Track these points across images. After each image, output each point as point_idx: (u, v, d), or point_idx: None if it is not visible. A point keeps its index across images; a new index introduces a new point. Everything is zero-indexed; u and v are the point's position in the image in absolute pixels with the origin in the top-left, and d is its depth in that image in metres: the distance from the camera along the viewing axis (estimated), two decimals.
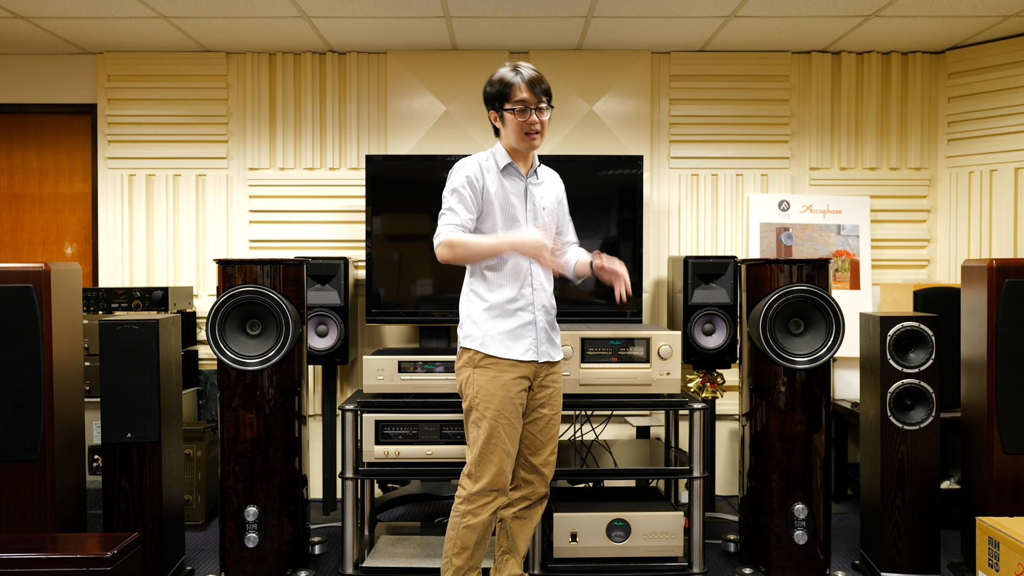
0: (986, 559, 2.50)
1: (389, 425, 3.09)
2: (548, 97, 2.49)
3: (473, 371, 2.48)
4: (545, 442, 2.58)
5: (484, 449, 2.43)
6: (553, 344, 2.60)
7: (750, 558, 3.15)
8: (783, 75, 4.17)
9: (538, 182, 2.63)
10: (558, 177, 2.76)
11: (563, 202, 2.76)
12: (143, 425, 2.89)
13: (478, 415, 2.45)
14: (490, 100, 2.53)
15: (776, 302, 2.99)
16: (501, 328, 2.48)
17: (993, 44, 3.97)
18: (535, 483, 2.60)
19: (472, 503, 2.44)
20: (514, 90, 2.45)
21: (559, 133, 4.11)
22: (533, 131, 2.47)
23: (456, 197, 2.46)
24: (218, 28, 3.77)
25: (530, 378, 2.52)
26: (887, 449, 3.02)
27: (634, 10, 3.55)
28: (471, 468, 2.46)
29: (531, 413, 2.56)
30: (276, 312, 2.94)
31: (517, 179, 2.56)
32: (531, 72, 2.47)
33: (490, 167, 2.53)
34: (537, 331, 2.52)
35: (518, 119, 2.46)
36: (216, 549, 3.34)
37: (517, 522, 2.62)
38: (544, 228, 2.43)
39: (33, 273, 2.67)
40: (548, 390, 2.58)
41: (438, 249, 2.44)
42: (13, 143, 4.29)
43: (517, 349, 2.48)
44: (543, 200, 2.62)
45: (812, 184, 4.19)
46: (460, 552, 2.44)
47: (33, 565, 2.20)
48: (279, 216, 4.16)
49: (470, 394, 2.48)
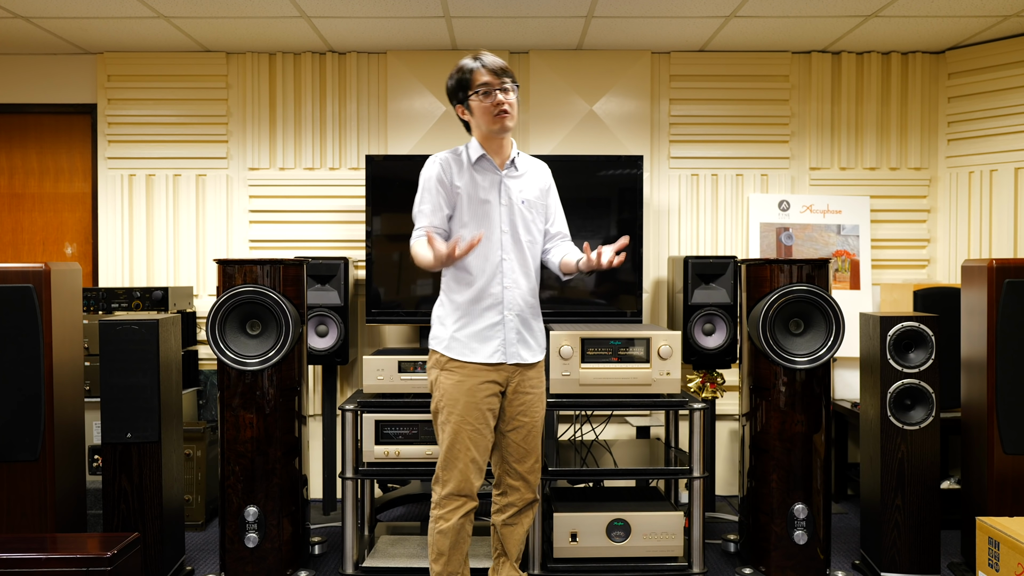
0: (986, 559, 2.50)
1: (389, 425, 3.09)
2: (510, 77, 2.40)
3: (440, 373, 2.43)
4: (529, 450, 2.52)
5: (448, 454, 2.40)
6: (526, 345, 2.50)
7: (750, 558, 3.15)
8: (783, 75, 4.17)
9: (517, 174, 2.52)
10: (544, 167, 2.65)
11: (550, 192, 2.64)
12: (143, 425, 2.89)
13: (443, 419, 2.42)
14: (453, 92, 2.45)
15: (776, 302, 2.99)
16: (467, 330, 2.42)
17: (993, 44, 3.97)
18: (522, 489, 2.55)
19: (442, 508, 2.41)
20: (475, 75, 2.38)
21: (559, 133, 4.11)
22: (502, 111, 2.38)
23: (424, 199, 2.44)
24: (218, 28, 3.77)
25: (501, 383, 2.45)
26: (887, 449, 3.02)
27: (634, 10, 3.55)
28: (438, 472, 2.43)
29: (511, 421, 2.49)
30: (276, 312, 2.94)
31: (490, 173, 2.47)
32: (491, 57, 2.40)
33: (461, 162, 2.46)
34: (506, 332, 2.43)
35: (484, 103, 2.38)
36: (216, 549, 3.34)
37: (507, 528, 2.58)
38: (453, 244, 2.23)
39: (33, 273, 2.67)
40: (527, 397, 2.50)
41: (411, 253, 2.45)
42: (13, 143, 4.29)
43: (483, 352, 2.41)
44: (523, 192, 2.51)
45: (812, 184, 4.19)
46: (437, 558, 2.42)
47: (33, 565, 2.20)
48: (279, 216, 4.16)
49: (436, 396, 2.44)
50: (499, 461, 2.56)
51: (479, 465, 2.41)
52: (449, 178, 2.43)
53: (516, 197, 2.50)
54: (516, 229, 2.49)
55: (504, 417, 2.49)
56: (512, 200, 2.49)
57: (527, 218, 2.51)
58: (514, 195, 2.49)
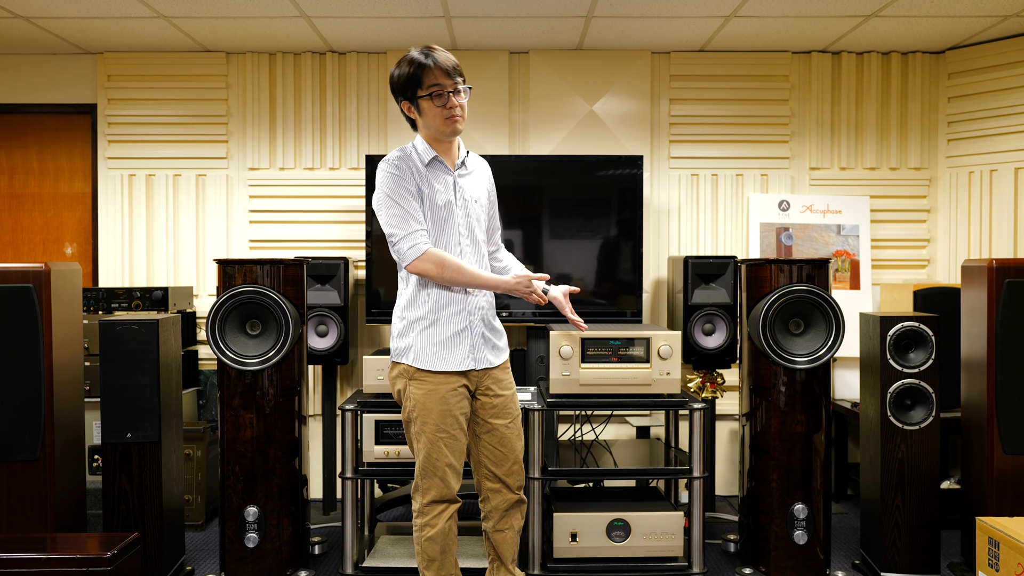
0: (986, 559, 2.50)
1: (389, 425, 3.09)
2: (462, 77, 2.34)
3: (409, 383, 2.37)
4: (506, 452, 2.47)
5: (426, 463, 2.36)
6: (493, 348, 2.46)
7: (750, 558, 3.15)
8: (783, 75, 4.17)
9: (467, 172, 2.48)
10: (485, 164, 2.60)
11: (491, 193, 2.59)
12: (143, 425, 2.89)
13: (416, 429, 2.37)
14: (400, 88, 2.34)
15: (776, 302, 2.99)
16: (434, 339, 2.36)
17: (993, 44, 3.97)
18: (502, 491, 2.49)
19: (426, 515, 2.38)
20: (427, 75, 2.28)
21: (559, 133, 4.11)
22: (455, 115, 2.32)
23: (405, 203, 2.32)
24: (218, 28, 3.77)
25: (471, 386, 2.42)
26: (887, 449, 3.02)
27: (634, 10, 3.55)
28: (417, 481, 2.40)
29: (483, 424, 2.45)
30: (276, 312, 2.94)
31: (444, 174, 2.41)
32: (443, 53, 2.32)
33: (414, 164, 2.37)
34: (474, 337, 2.39)
35: (436, 105, 2.31)
36: (216, 549, 3.34)
37: (498, 535, 2.53)
38: (523, 276, 2.45)
39: (33, 273, 2.67)
40: (498, 399, 2.45)
41: (418, 263, 2.31)
42: (13, 143, 4.29)
43: (453, 360, 2.36)
44: (473, 192, 2.47)
45: (812, 184, 4.19)
46: (429, 564, 2.40)
47: (33, 565, 2.20)
48: (279, 216, 4.16)
49: (408, 407, 2.38)
50: (477, 467, 2.52)
51: (456, 470, 2.38)
52: (413, 180, 2.35)
53: (469, 196, 2.46)
54: (473, 230, 2.46)
55: (476, 419, 2.46)
56: (467, 200, 2.44)
57: (480, 218, 2.49)
58: (467, 195, 2.45)
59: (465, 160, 2.49)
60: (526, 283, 2.43)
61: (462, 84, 2.35)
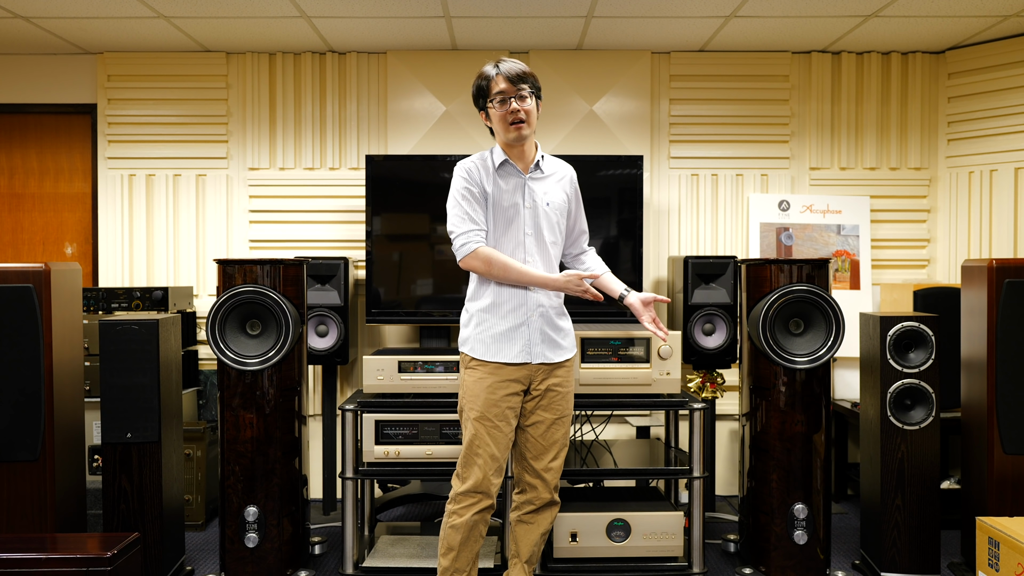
0: (986, 559, 2.50)
1: (389, 425, 3.09)
2: (528, 84, 2.42)
3: (465, 370, 2.50)
4: (547, 447, 2.53)
5: (468, 450, 2.44)
6: (552, 345, 2.52)
7: (750, 558, 3.15)
8: (783, 75, 4.17)
9: (541, 176, 2.55)
10: (569, 168, 2.66)
11: (575, 192, 2.66)
12: (143, 425, 2.89)
13: (464, 417, 2.47)
14: (475, 100, 2.52)
15: (776, 302, 2.99)
16: (492, 331, 2.46)
17: (993, 44, 3.97)
18: (539, 488, 2.56)
19: (457, 503, 2.44)
20: (492, 83, 2.42)
21: (559, 133, 4.11)
22: (517, 119, 2.41)
23: (466, 204, 2.46)
24: (218, 28, 3.77)
25: (523, 381, 2.48)
26: (887, 449, 3.02)
27: (634, 10, 3.55)
28: (459, 468, 2.47)
29: (530, 416, 2.52)
30: (276, 312, 2.94)
31: (514, 176, 2.51)
32: (510, 63, 2.43)
33: (487, 167, 2.50)
34: (531, 332, 2.47)
35: (499, 111, 2.43)
36: (216, 549, 3.34)
37: (521, 526, 2.60)
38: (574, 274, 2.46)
39: (33, 273, 2.67)
40: (551, 393, 2.52)
41: (468, 259, 2.44)
42: (13, 143, 4.29)
43: (508, 352, 2.45)
44: (547, 195, 2.54)
45: (812, 184, 4.19)
46: (446, 552, 2.44)
47: (33, 565, 2.20)
48: (279, 216, 4.16)
49: (460, 395, 2.51)
50: (519, 458, 2.58)
51: (499, 463, 2.44)
52: (479, 183, 2.47)
53: (540, 199, 2.53)
54: (540, 231, 2.52)
55: (524, 412, 2.52)
56: (536, 203, 2.52)
57: (551, 220, 2.54)
58: (538, 197, 2.53)
59: (540, 164, 2.55)
60: (576, 281, 2.45)
61: (528, 89, 2.42)
